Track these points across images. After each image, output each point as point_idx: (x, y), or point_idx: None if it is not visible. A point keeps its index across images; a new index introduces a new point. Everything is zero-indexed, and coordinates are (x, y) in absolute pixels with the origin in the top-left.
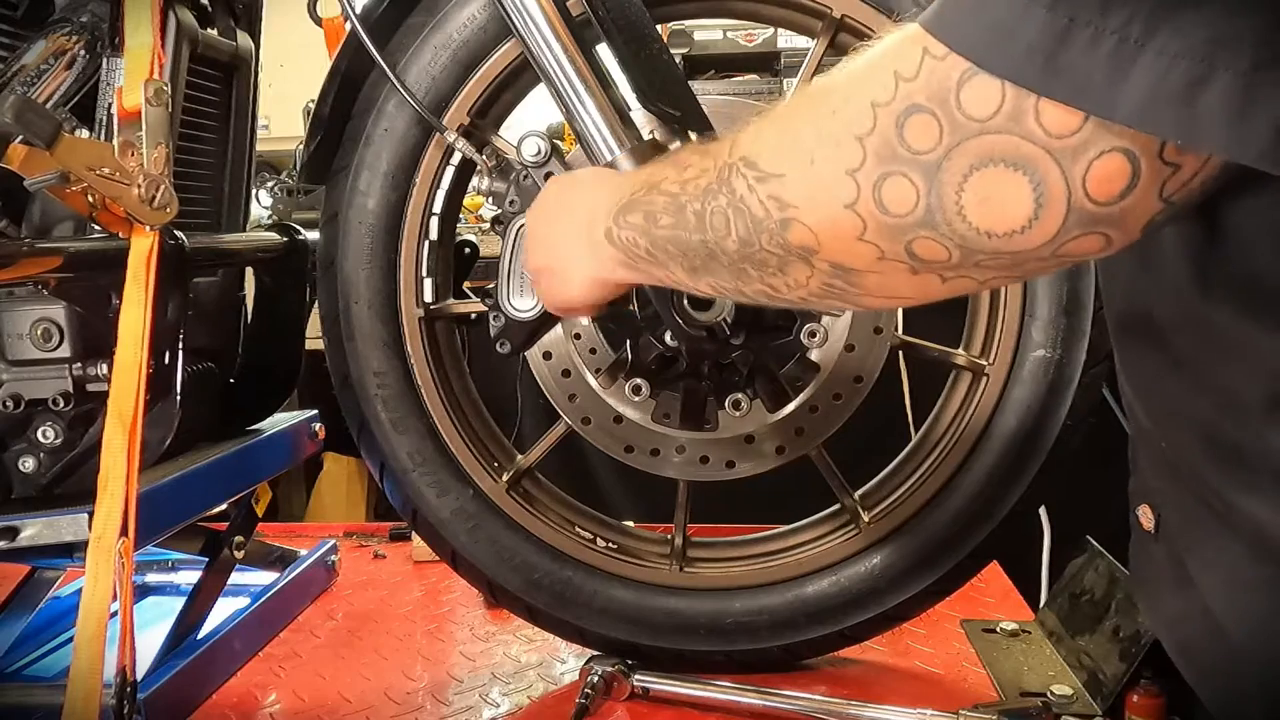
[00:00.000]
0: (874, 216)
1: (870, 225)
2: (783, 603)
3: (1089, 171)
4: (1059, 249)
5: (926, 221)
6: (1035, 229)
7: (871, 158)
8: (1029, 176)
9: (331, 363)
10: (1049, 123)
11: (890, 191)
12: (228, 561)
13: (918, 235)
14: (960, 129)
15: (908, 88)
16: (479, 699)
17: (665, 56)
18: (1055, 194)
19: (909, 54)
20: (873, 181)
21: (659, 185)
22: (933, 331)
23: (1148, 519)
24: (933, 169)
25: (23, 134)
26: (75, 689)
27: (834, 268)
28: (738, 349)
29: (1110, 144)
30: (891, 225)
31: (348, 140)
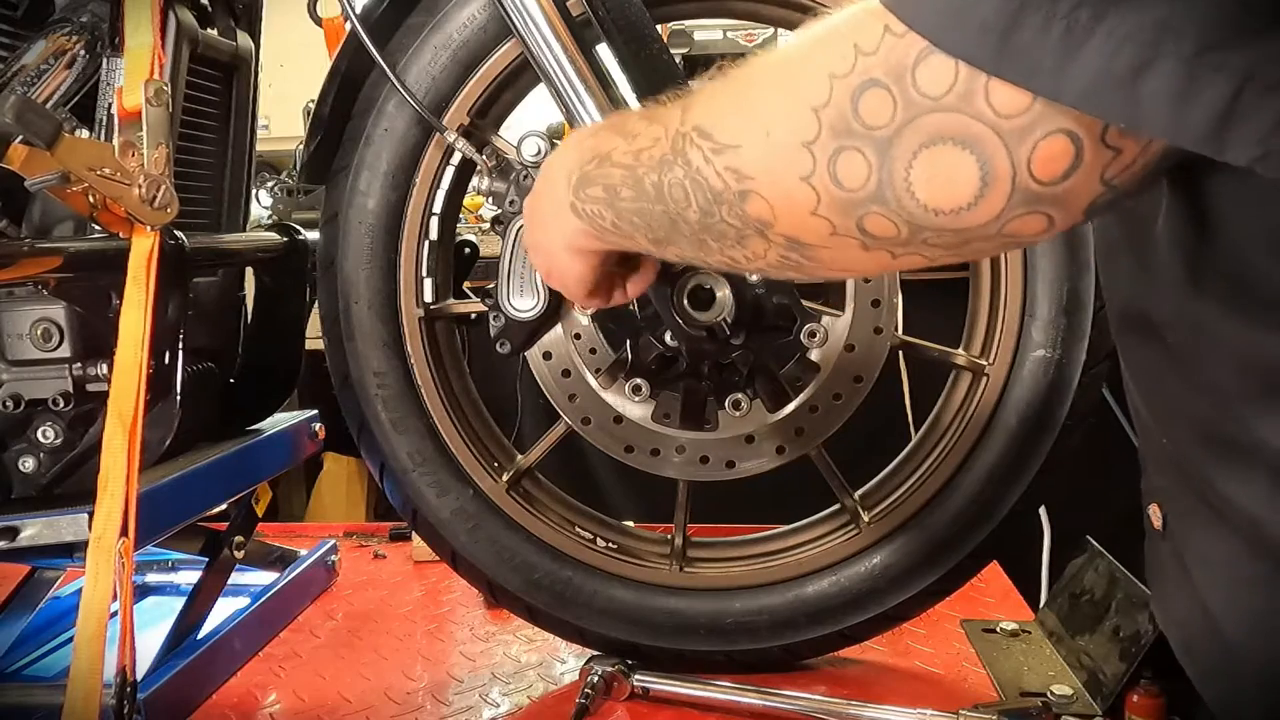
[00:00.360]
0: (828, 190)
1: (824, 199)
2: (783, 603)
3: (1034, 152)
4: (1003, 227)
5: (877, 197)
6: (980, 207)
7: (826, 131)
8: (976, 155)
9: (331, 363)
10: (998, 102)
11: (844, 166)
12: (228, 561)
13: (869, 211)
14: (913, 106)
15: (866, 62)
16: (479, 699)
17: (665, 56)
18: (1000, 173)
19: (870, 28)
20: (828, 155)
21: (609, 156)
22: (933, 331)
23: (1157, 518)
24: (885, 145)
25: (23, 134)
26: (75, 689)
27: (789, 241)
28: (738, 349)
29: (1056, 125)
30: (844, 200)
31: (348, 140)
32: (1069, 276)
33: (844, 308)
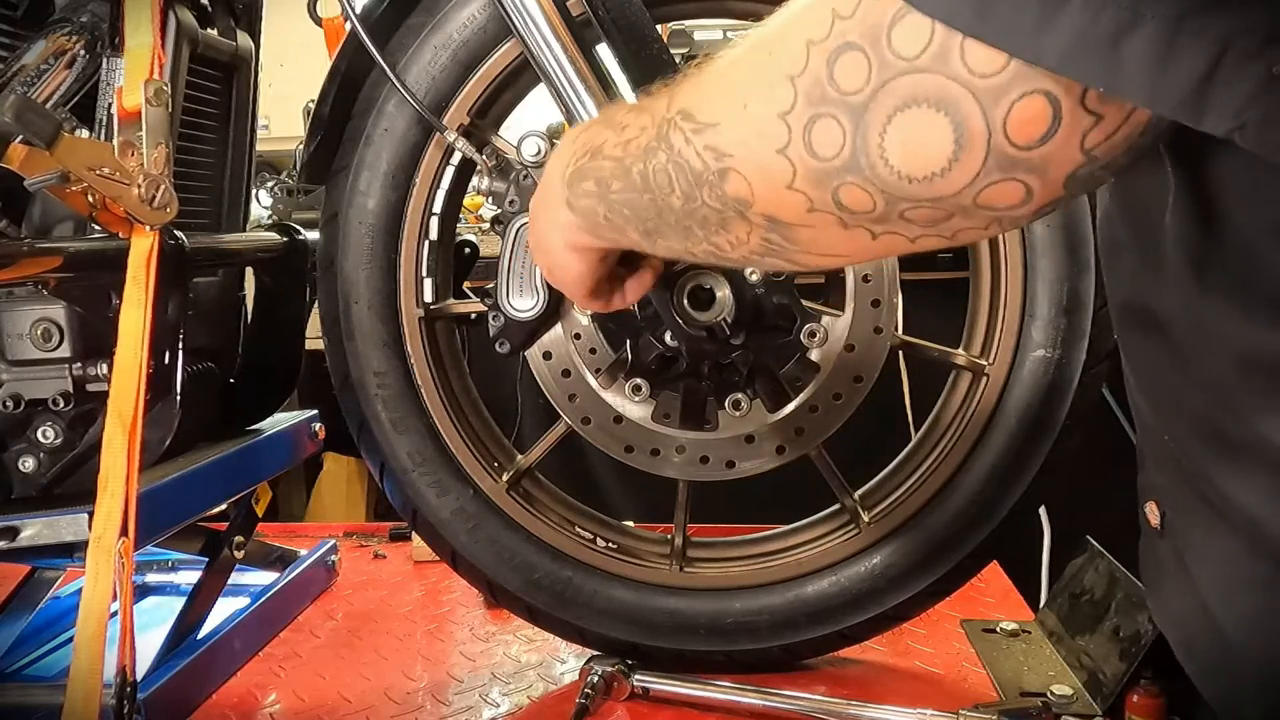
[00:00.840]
0: (803, 160)
1: (800, 171)
2: (783, 603)
3: (1010, 113)
4: (979, 195)
5: (852, 166)
6: (954, 172)
7: (802, 99)
8: (950, 117)
9: (331, 363)
10: (973, 62)
11: (819, 134)
12: (228, 561)
13: (844, 181)
14: (888, 67)
15: (843, 25)
16: (479, 699)
17: (665, 56)
18: (975, 134)
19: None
20: (803, 124)
21: (601, 150)
22: (933, 331)
23: (1154, 515)
24: (859, 110)
25: (23, 134)
26: (75, 689)
27: (769, 222)
28: (738, 349)
29: (1033, 85)
30: (819, 170)
31: (348, 140)
32: (1069, 276)
33: (844, 308)
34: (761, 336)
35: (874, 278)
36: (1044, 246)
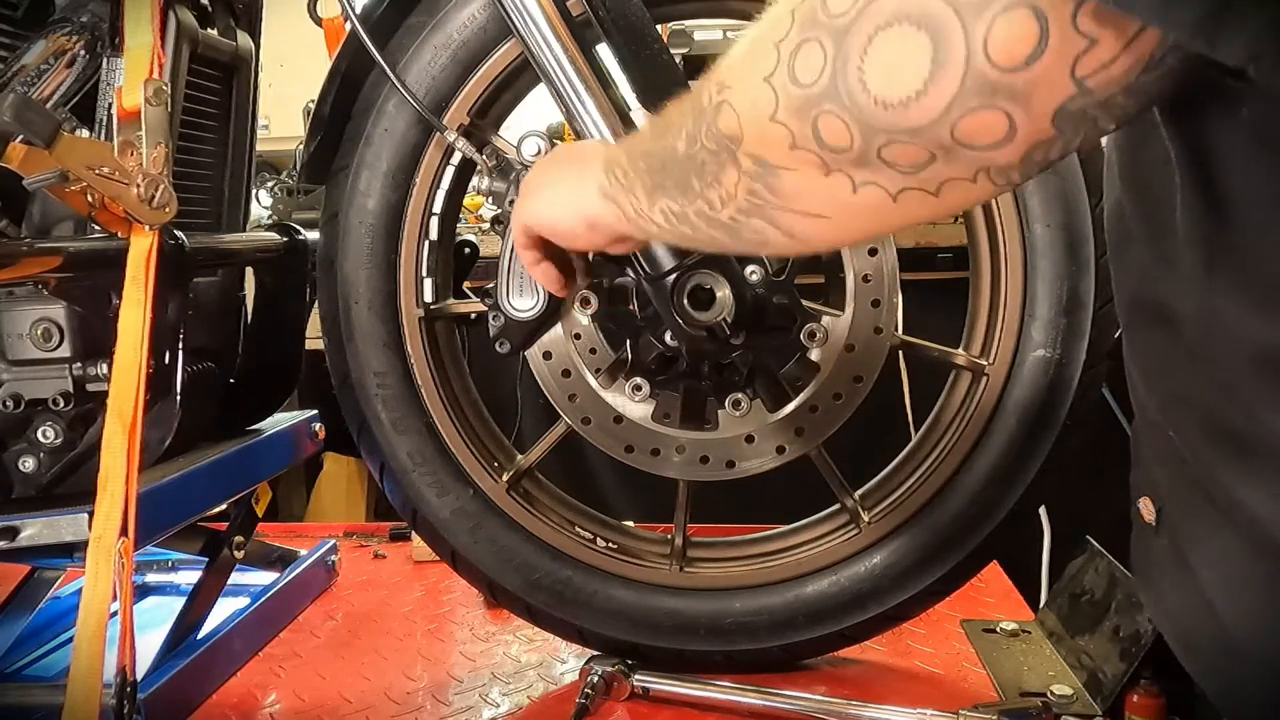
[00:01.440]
0: (785, 89)
1: (781, 99)
2: (783, 603)
3: (991, 29)
4: (956, 125)
5: (830, 92)
6: (929, 94)
7: (795, 26)
8: (929, 33)
9: (331, 363)
10: None
11: (802, 59)
12: (228, 561)
13: (822, 109)
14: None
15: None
16: (479, 699)
17: (665, 56)
18: (953, 53)
19: None
20: (791, 49)
21: (642, 132)
22: (933, 331)
23: (1149, 511)
24: (842, 32)
25: (22, 133)
26: (75, 689)
27: (755, 163)
28: (738, 349)
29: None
30: (800, 98)
31: (348, 140)
32: (1069, 276)
33: (844, 308)
34: (762, 336)
35: (874, 278)
36: (1044, 246)
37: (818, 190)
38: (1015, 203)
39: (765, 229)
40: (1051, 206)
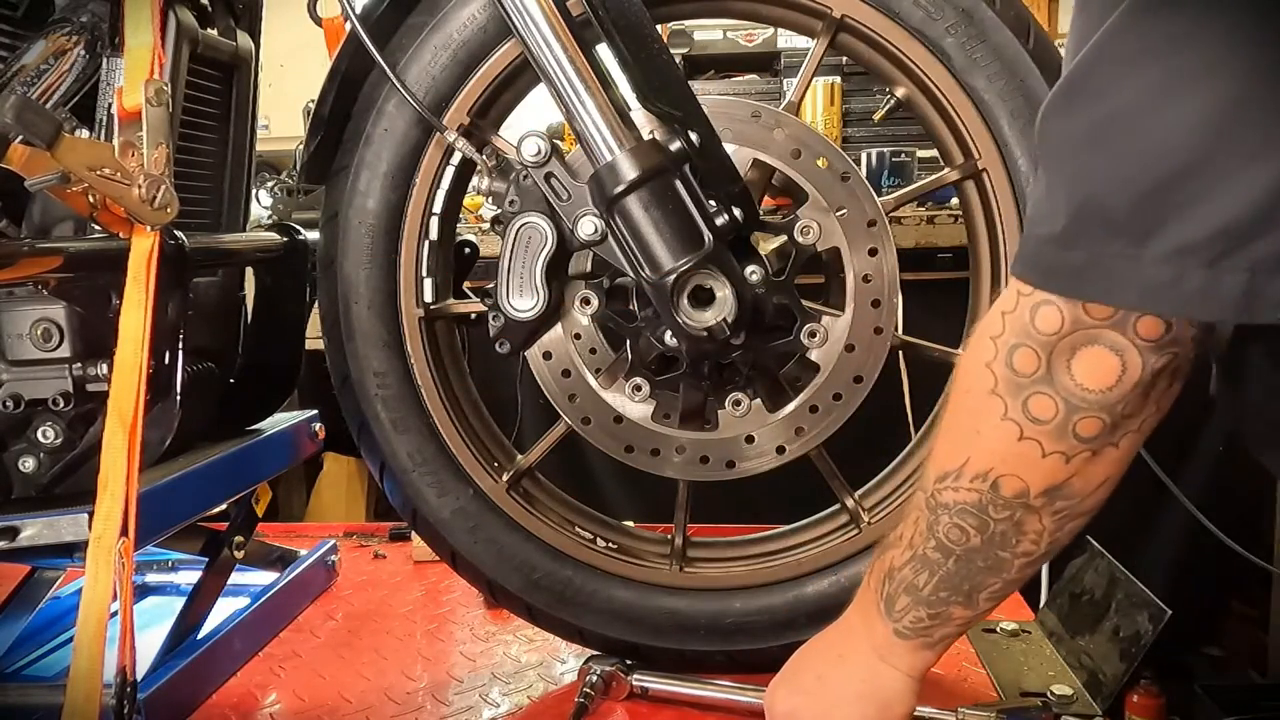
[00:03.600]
0: (1033, 429)
1: (1043, 442)
2: (783, 603)
3: (1158, 363)
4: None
5: (1062, 421)
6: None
7: (1002, 384)
8: (1120, 358)
9: (331, 363)
10: (1142, 329)
11: (1034, 406)
12: (228, 561)
13: (1079, 417)
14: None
15: (1006, 335)
16: (479, 699)
17: (665, 56)
18: (1132, 371)
19: (989, 320)
20: (1019, 404)
21: (893, 568)
22: (933, 331)
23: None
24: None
25: (23, 134)
26: (75, 689)
27: (1047, 495)
28: (738, 349)
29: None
30: (1051, 431)
31: (348, 140)
32: None
33: (844, 308)
34: (762, 336)
35: (874, 278)
36: None
37: (1097, 469)
38: (1015, 203)
39: (1080, 524)
40: None
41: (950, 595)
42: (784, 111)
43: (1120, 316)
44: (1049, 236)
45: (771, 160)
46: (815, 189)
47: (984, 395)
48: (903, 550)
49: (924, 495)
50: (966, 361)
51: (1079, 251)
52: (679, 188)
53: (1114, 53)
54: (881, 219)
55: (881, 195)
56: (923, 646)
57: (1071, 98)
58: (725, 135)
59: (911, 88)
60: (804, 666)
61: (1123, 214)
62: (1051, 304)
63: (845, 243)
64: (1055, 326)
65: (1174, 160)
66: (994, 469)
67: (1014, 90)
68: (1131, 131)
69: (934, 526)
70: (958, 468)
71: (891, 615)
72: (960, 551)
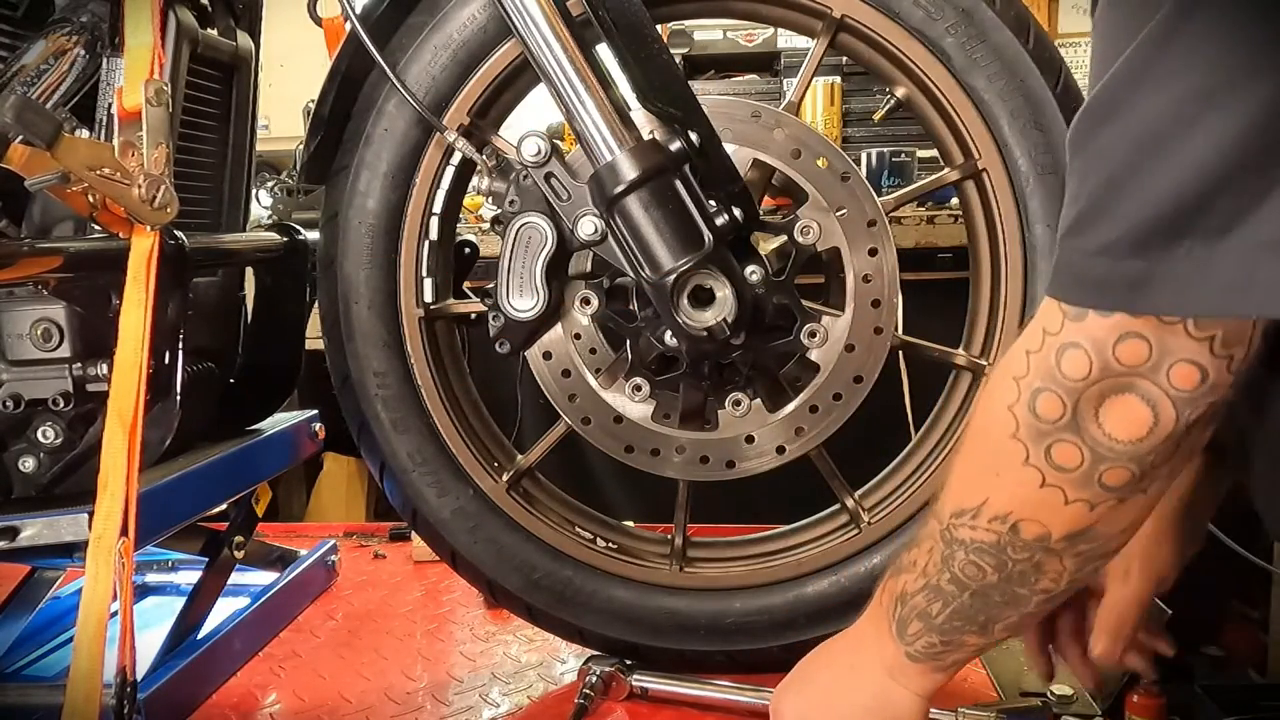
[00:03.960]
0: (1057, 478)
1: (1067, 491)
2: (783, 603)
3: (1192, 414)
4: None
5: (1087, 471)
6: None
7: (1024, 429)
8: (1151, 409)
9: (331, 363)
10: (1176, 378)
11: (1059, 455)
12: (228, 561)
13: (1105, 467)
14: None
15: (1030, 377)
16: (479, 699)
17: (665, 56)
18: (1165, 424)
19: (1012, 358)
20: (1042, 453)
21: (906, 593)
22: (933, 331)
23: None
24: (1077, 394)
25: (23, 134)
26: (75, 689)
27: (1069, 540)
28: (738, 349)
29: (1205, 402)
30: (1075, 479)
31: (348, 140)
32: None
33: (844, 308)
34: (762, 336)
35: (874, 278)
36: (1044, 247)
37: (1122, 515)
38: (1015, 203)
39: (1101, 564)
40: (1052, 207)
41: (964, 625)
42: (784, 111)
43: (1154, 363)
44: (1099, 248)
45: (771, 160)
46: (815, 189)
47: (1005, 438)
48: (916, 577)
49: (939, 525)
50: (988, 399)
51: (1139, 259)
52: (679, 188)
53: (1166, 52)
54: (881, 219)
55: (881, 195)
56: (934, 670)
57: (1117, 99)
58: (725, 135)
59: (911, 88)
60: (813, 675)
61: (1187, 213)
62: (1079, 348)
63: (845, 243)
64: (1083, 372)
65: (1238, 153)
66: (1014, 513)
67: (1014, 90)
68: (1193, 126)
69: (949, 560)
70: (975, 507)
71: (903, 638)
72: (976, 587)
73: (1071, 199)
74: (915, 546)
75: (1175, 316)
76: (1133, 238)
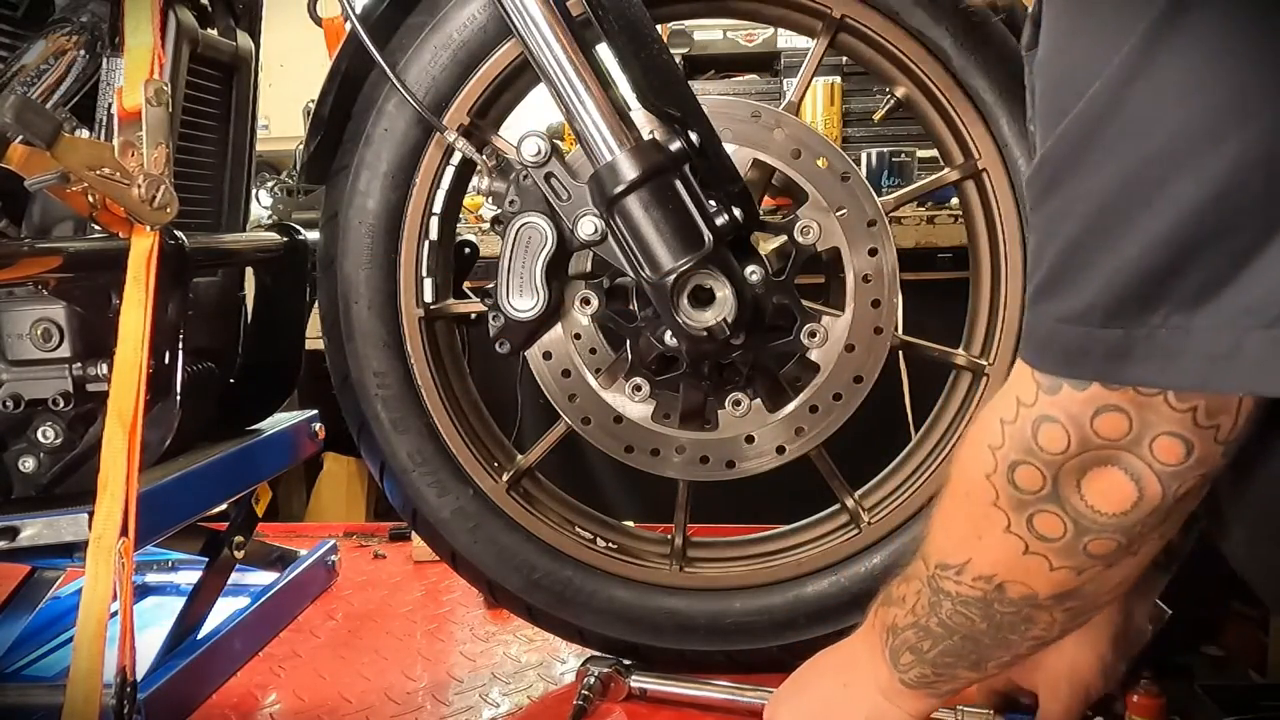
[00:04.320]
0: (1039, 546)
1: (1051, 559)
2: (783, 603)
3: (1181, 489)
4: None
5: (1071, 541)
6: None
7: (1005, 499)
8: (1136, 484)
9: (331, 363)
10: (1159, 452)
11: (1041, 525)
12: (228, 561)
13: (1091, 538)
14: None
15: (1006, 449)
16: (479, 699)
17: (665, 56)
18: (1150, 498)
19: (988, 424)
20: (1024, 517)
21: (897, 625)
22: (933, 331)
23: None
24: (1056, 466)
25: (23, 134)
26: (75, 689)
27: (1057, 598)
28: (738, 349)
29: (1195, 474)
30: (1062, 548)
31: (348, 140)
32: None
33: (844, 308)
34: (762, 336)
35: (874, 278)
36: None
37: (1113, 574)
38: (1015, 203)
39: (1093, 613)
40: None
41: (956, 662)
42: (784, 111)
43: (1134, 437)
44: (1072, 313)
45: (771, 160)
46: (815, 189)
47: (985, 504)
48: (906, 614)
49: (925, 571)
50: (965, 464)
51: (1114, 328)
52: (679, 188)
53: (1137, 90)
54: (881, 219)
55: (881, 195)
56: (928, 695)
57: (1085, 146)
58: (725, 135)
59: (911, 88)
60: (807, 688)
61: (1160, 279)
62: (1055, 422)
63: (845, 243)
64: (1060, 446)
65: (1211, 215)
66: (998, 575)
67: (1014, 90)
68: (1167, 182)
69: (936, 606)
70: (959, 564)
71: (897, 667)
72: (966, 633)
73: (1036, 258)
74: (905, 582)
75: (1153, 389)
76: (1106, 305)
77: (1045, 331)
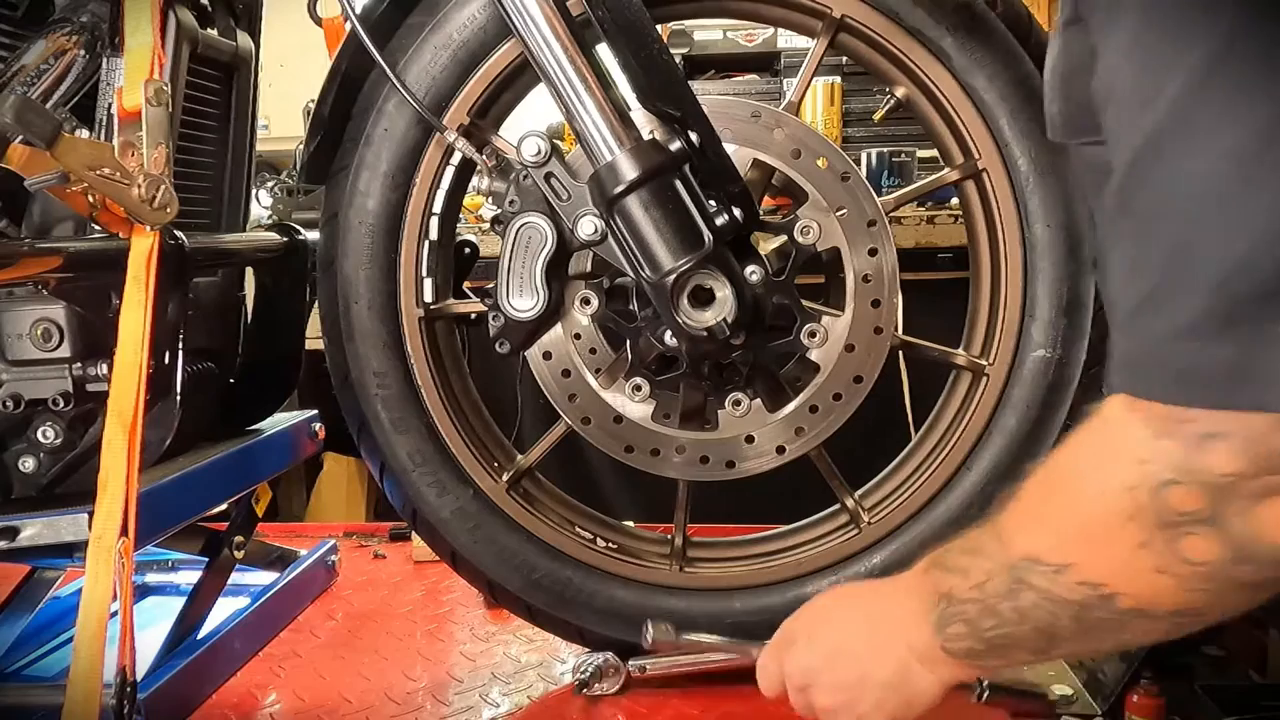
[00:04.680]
0: (1179, 571)
1: (1183, 581)
2: (783, 603)
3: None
4: None
5: (1236, 557)
6: None
7: (1148, 515)
8: None
9: (331, 363)
10: None
11: (1188, 548)
12: (228, 561)
13: (1233, 572)
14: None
15: (1158, 466)
16: (479, 699)
17: (665, 56)
18: None
19: (1131, 433)
20: (1168, 537)
21: (954, 595)
22: (933, 331)
23: None
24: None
25: (23, 134)
26: (75, 689)
27: (1173, 615)
28: (738, 349)
29: None
30: (1200, 574)
31: (348, 140)
32: (1069, 276)
33: (844, 308)
34: (762, 336)
35: (874, 278)
36: (1044, 247)
37: (1228, 599)
38: (1015, 202)
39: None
40: (1051, 207)
41: (1017, 645)
42: (784, 111)
43: None
44: (1176, 330)
45: (771, 160)
46: (815, 189)
47: (1117, 516)
48: (969, 588)
49: (1005, 556)
50: (1100, 468)
51: (1226, 344)
52: (679, 188)
53: (1225, 82)
54: (881, 219)
55: (881, 195)
56: (969, 666)
57: (1173, 143)
58: (725, 135)
59: (911, 88)
60: (828, 623)
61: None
62: (1225, 439)
63: (845, 243)
64: (1233, 467)
65: None
66: (1110, 585)
67: (1014, 90)
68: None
69: (1014, 594)
70: (1058, 564)
71: (942, 634)
72: (1044, 626)
73: (1115, 258)
74: (970, 555)
75: None
76: (1218, 313)
77: (1144, 352)
